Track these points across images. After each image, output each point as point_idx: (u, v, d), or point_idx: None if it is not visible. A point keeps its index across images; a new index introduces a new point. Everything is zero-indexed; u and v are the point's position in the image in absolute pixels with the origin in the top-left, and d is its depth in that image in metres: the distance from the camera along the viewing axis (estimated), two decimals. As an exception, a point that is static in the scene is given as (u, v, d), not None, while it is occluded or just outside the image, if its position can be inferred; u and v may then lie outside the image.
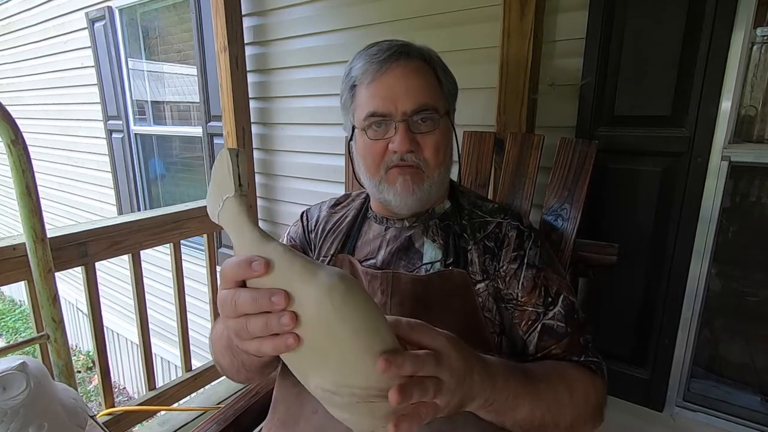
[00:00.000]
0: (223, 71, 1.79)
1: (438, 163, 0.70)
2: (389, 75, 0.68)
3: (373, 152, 0.71)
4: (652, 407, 1.21)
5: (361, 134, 0.72)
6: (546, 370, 0.59)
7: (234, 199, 0.43)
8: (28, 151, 1.08)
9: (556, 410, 0.55)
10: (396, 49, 0.69)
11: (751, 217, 1.14)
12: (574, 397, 0.57)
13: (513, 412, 0.51)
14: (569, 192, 1.01)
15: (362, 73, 0.70)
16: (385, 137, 0.69)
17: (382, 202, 0.75)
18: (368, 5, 1.53)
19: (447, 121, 0.73)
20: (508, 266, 0.70)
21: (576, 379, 0.60)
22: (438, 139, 0.70)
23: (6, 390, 0.74)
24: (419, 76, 0.69)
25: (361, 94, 0.71)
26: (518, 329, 0.68)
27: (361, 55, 0.72)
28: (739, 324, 1.20)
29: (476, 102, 1.33)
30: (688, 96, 1.03)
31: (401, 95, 0.67)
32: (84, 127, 3.29)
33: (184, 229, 1.64)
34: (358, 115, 0.72)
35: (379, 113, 0.68)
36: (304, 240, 0.84)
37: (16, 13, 3.65)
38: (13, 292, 5.78)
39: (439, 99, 0.71)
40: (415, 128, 0.69)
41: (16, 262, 1.16)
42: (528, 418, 0.52)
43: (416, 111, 0.68)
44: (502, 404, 0.49)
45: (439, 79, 0.72)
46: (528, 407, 0.52)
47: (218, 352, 0.67)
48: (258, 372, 0.65)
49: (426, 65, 0.71)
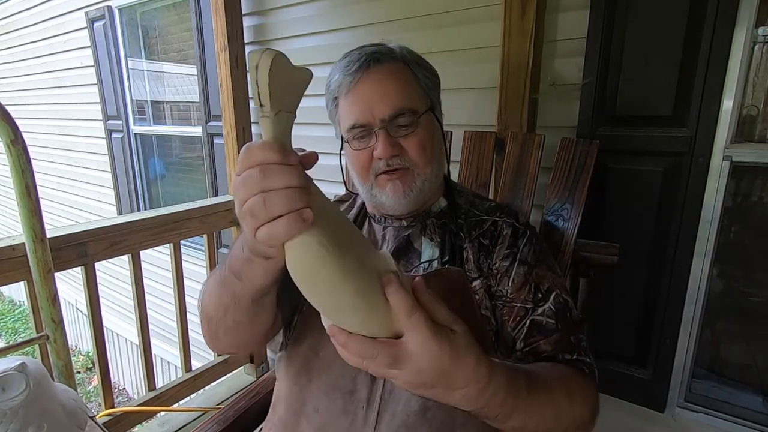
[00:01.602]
0: (223, 71, 1.79)
1: (427, 160, 0.71)
2: (362, 84, 0.69)
3: (360, 161, 0.72)
4: (653, 408, 1.20)
5: (347, 145, 0.73)
6: (547, 376, 0.58)
7: (264, 120, 0.38)
8: (28, 151, 1.08)
9: (552, 420, 0.54)
10: (366, 57, 0.69)
11: (752, 217, 1.14)
12: (574, 406, 0.57)
13: (502, 424, 0.50)
14: (570, 192, 1.00)
15: (339, 86, 0.71)
16: (368, 146, 0.70)
17: (376, 205, 0.76)
18: (368, 5, 1.52)
19: (429, 117, 0.73)
20: (500, 263, 0.70)
21: (576, 388, 0.59)
22: (421, 138, 0.70)
23: (5, 391, 0.73)
24: (393, 80, 0.69)
25: (342, 106, 0.72)
26: (507, 326, 0.68)
27: (336, 67, 0.73)
28: (740, 324, 1.20)
29: (477, 102, 1.33)
30: (690, 96, 1.03)
31: (376, 102, 0.68)
32: (83, 126, 3.29)
33: (184, 229, 1.64)
34: (342, 125, 0.73)
35: (358, 124, 0.69)
36: None
37: (15, 12, 3.65)
38: (13, 292, 5.77)
39: (417, 98, 0.71)
40: (395, 132, 0.69)
41: (15, 262, 1.16)
42: (519, 428, 0.51)
43: (393, 116, 0.68)
44: (493, 418, 0.48)
45: (416, 76, 0.72)
46: (521, 419, 0.50)
47: (208, 294, 0.62)
48: (247, 310, 0.57)
49: (400, 65, 0.71)
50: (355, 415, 0.66)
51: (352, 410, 0.66)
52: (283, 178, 0.37)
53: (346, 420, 0.66)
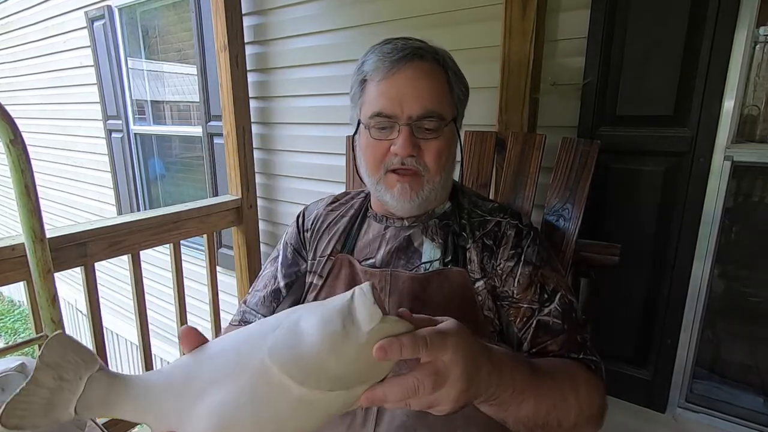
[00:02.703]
0: (223, 70, 1.79)
1: (439, 168, 0.70)
2: (400, 76, 0.67)
3: (375, 151, 0.70)
4: (654, 408, 1.20)
5: (365, 131, 0.71)
6: (552, 367, 0.58)
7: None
8: (27, 150, 1.08)
9: (561, 409, 0.54)
10: (410, 50, 0.68)
11: (753, 217, 1.14)
12: (580, 397, 0.57)
13: (517, 407, 0.50)
14: (571, 192, 1.00)
15: (373, 70, 0.69)
16: (388, 138, 0.69)
17: (380, 200, 0.75)
18: (369, 4, 1.52)
19: (452, 128, 0.72)
20: (505, 264, 0.70)
21: (581, 379, 0.60)
22: (441, 145, 0.69)
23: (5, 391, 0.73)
24: (430, 80, 0.68)
25: (369, 91, 0.70)
26: (513, 327, 0.68)
27: (374, 50, 0.71)
28: (741, 325, 1.20)
29: (477, 101, 1.32)
30: (691, 95, 1.03)
31: (409, 98, 0.67)
32: (83, 126, 3.28)
33: (183, 230, 1.64)
34: (364, 111, 0.71)
35: (384, 114, 0.68)
36: (298, 241, 0.85)
37: (15, 12, 3.64)
38: (12, 292, 5.77)
39: (447, 105, 0.70)
40: (418, 133, 0.68)
41: (15, 262, 1.16)
42: (532, 415, 0.52)
43: (422, 116, 0.67)
44: (506, 400, 0.48)
45: (450, 84, 0.71)
46: (533, 403, 0.51)
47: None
48: None
49: (439, 68, 0.70)
50: (354, 417, 0.66)
51: (351, 412, 0.66)
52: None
53: (346, 421, 0.66)
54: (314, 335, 0.39)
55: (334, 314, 0.40)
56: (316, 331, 0.39)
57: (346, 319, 0.39)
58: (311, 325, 0.40)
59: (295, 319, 0.42)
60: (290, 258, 0.84)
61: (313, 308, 0.42)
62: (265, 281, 0.84)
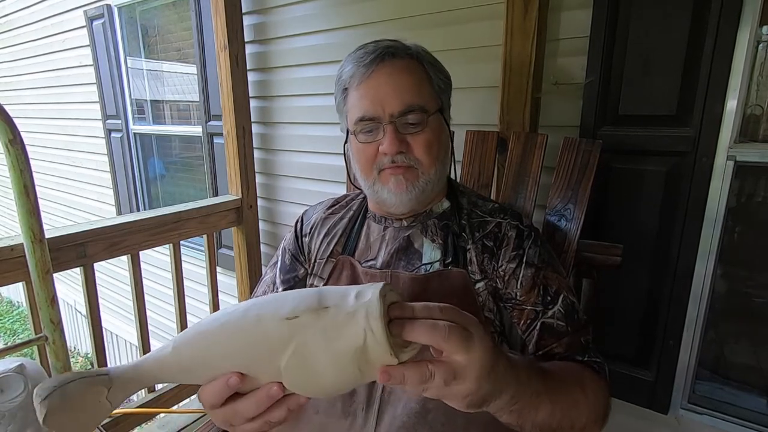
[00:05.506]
0: (223, 70, 1.78)
1: (431, 160, 0.70)
2: (376, 77, 0.68)
3: (365, 155, 0.71)
4: (656, 409, 1.20)
5: (353, 137, 0.72)
6: (560, 370, 0.59)
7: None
8: (26, 150, 1.07)
9: (574, 411, 0.55)
10: (381, 50, 0.69)
11: (757, 217, 1.13)
12: (588, 399, 0.57)
13: (535, 411, 0.50)
14: (573, 192, 1.00)
15: (351, 77, 0.71)
16: (375, 140, 0.70)
17: (378, 201, 0.75)
18: (370, 3, 1.52)
19: (438, 118, 0.72)
20: (507, 265, 0.70)
21: (588, 381, 0.60)
22: (429, 137, 0.69)
23: (4, 392, 0.73)
24: (406, 75, 0.69)
25: (351, 98, 0.71)
26: (517, 329, 0.68)
27: (349, 58, 0.73)
28: (745, 325, 1.19)
29: (479, 101, 1.33)
30: (693, 95, 1.02)
31: (388, 97, 0.67)
32: (82, 126, 3.27)
33: (183, 230, 1.63)
34: (350, 118, 0.72)
35: (367, 117, 0.69)
36: (295, 247, 0.85)
37: (14, 11, 3.63)
38: (11, 293, 5.76)
39: (429, 97, 0.71)
40: (404, 129, 0.69)
41: (14, 262, 1.15)
42: (548, 418, 0.51)
43: (404, 112, 0.68)
44: (526, 403, 0.48)
45: (429, 76, 0.72)
46: (549, 406, 0.51)
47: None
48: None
49: (414, 62, 0.71)
50: (354, 417, 0.66)
51: (351, 411, 0.66)
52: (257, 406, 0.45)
53: (346, 421, 0.66)
54: (329, 380, 0.42)
55: (347, 362, 0.40)
56: (331, 378, 0.41)
57: (362, 365, 0.40)
58: (324, 366, 0.41)
59: (303, 343, 0.42)
60: (288, 264, 0.84)
61: (320, 332, 0.41)
62: (264, 287, 0.85)
